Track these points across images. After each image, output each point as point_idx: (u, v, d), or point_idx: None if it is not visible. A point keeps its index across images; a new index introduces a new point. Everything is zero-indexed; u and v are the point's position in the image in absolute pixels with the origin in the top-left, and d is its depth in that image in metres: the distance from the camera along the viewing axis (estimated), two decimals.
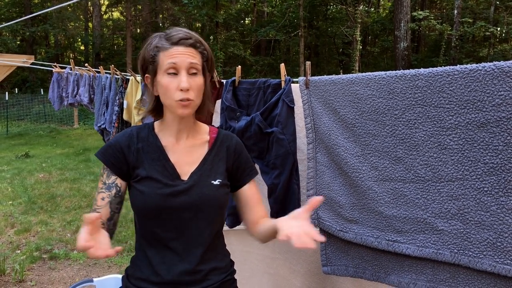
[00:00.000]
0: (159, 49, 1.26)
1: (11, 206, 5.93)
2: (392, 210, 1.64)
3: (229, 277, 1.41)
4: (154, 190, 1.28)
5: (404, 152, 1.61)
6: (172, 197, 1.28)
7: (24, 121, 16.45)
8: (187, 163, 1.34)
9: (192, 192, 1.30)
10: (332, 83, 1.80)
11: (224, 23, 19.34)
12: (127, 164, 1.33)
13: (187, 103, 1.25)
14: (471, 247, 1.49)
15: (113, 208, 1.32)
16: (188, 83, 1.23)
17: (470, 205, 1.48)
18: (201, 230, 1.31)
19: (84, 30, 26.44)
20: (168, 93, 1.25)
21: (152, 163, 1.32)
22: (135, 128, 1.41)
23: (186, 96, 1.24)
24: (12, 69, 4.34)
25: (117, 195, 1.33)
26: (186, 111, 1.26)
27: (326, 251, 1.91)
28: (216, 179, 1.34)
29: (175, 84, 1.24)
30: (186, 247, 1.30)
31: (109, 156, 1.33)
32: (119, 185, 1.33)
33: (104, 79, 3.42)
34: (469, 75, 1.45)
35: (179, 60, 1.24)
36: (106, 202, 1.31)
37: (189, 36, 1.27)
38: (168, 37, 1.27)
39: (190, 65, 1.25)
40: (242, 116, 2.06)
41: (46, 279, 3.81)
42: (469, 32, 14.45)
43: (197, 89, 1.27)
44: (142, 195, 1.28)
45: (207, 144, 1.40)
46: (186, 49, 1.25)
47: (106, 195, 1.31)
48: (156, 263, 1.30)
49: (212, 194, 1.31)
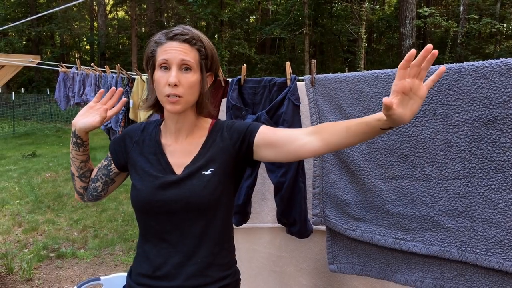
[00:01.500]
0: (157, 44, 1.27)
1: (19, 205, 5.97)
2: (398, 208, 1.64)
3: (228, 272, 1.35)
4: (145, 183, 1.29)
5: (411, 150, 1.60)
6: (161, 190, 1.27)
7: (31, 120, 16.54)
8: (184, 163, 1.33)
9: (183, 185, 1.27)
10: (338, 81, 1.79)
11: (229, 21, 19.33)
12: (126, 153, 1.38)
13: (175, 100, 1.22)
14: (479, 244, 1.48)
15: (98, 175, 1.45)
16: (176, 79, 1.21)
17: (477, 203, 1.48)
18: (193, 221, 1.27)
19: (90, 30, 26.55)
20: (159, 87, 1.25)
21: (148, 156, 1.34)
22: (146, 122, 1.45)
23: (174, 92, 1.22)
24: (18, 69, 4.36)
25: (107, 167, 1.43)
26: (175, 107, 1.24)
27: (332, 249, 1.91)
28: (208, 169, 1.29)
29: (164, 79, 1.23)
30: (180, 239, 1.28)
31: (114, 144, 1.43)
32: (112, 167, 1.43)
33: (110, 78, 3.44)
34: (476, 72, 1.44)
35: (171, 55, 1.23)
36: (97, 167, 1.46)
37: (185, 32, 1.26)
38: (166, 33, 1.27)
39: (181, 61, 1.23)
40: (248, 115, 2.06)
41: (54, 277, 3.84)
42: (475, 29, 14.36)
43: (188, 86, 1.24)
44: (135, 188, 1.30)
45: (205, 137, 1.36)
46: (180, 44, 1.25)
47: (99, 164, 1.46)
48: (153, 257, 1.30)
49: (202, 184, 1.27)
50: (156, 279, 1.29)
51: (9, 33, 21.58)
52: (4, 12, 21.59)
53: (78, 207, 5.89)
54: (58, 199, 6.24)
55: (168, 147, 1.35)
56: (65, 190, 6.75)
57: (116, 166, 1.42)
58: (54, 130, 14.68)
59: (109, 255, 4.34)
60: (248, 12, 22.47)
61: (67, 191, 6.68)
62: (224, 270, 1.33)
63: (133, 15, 20.62)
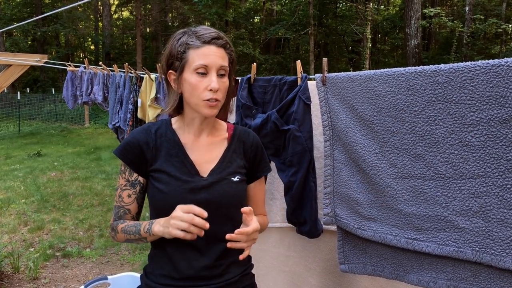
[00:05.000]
0: (190, 46, 1.25)
1: (24, 204, 5.98)
2: (411, 208, 1.62)
3: (248, 271, 1.42)
4: (173, 187, 1.28)
5: (424, 149, 1.59)
6: (192, 194, 1.27)
7: (36, 120, 16.60)
8: (206, 161, 1.34)
9: (213, 189, 1.30)
10: (350, 80, 1.78)
11: (234, 21, 19.32)
12: (146, 162, 1.33)
13: (215, 104, 1.26)
14: (494, 245, 1.46)
15: (139, 203, 1.38)
16: (218, 84, 1.25)
17: (492, 203, 1.46)
18: (221, 226, 1.30)
19: (94, 30, 26.60)
20: (196, 92, 1.25)
21: (170, 159, 1.32)
22: (152, 124, 1.41)
23: (214, 97, 1.25)
24: (25, 69, 4.36)
25: (141, 191, 1.37)
26: (213, 111, 1.28)
27: (343, 249, 1.89)
28: (235, 176, 1.35)
29: (204, 84, 1.24)
30: (206, 243, 1.30)
31: (127, 153, 1.33)
32: (141, 182, 1.35)
33: (118, 77, 3.43)
34: (491, 71, 1.42)
35: (211, 61, 1.24)
36: (133, 198, 1.35)
37: (221, 36, 1.28)
38: (199, 35, 1.26)
39: (220, 67, 1.26)
40: (258, 114, 2.05)
41: (60, 276, 3.84)
42: (481, 29, 14.28)
43: (225, 90, 1.30)
44: (162, 192, 1.28)
45: (226, 141, 1.40)
46: (217, 49, 1.26)
47: (132, 192, 1.35)
48: (176, 259, 1.30)
49: (232, 191, 1.32)
50: (181, 280, 1.30)
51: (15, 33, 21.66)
52: (10, 12, 21.66)
53: (84, 207, 5.89)
54: (64, 199, 6.25)
55: (189, 146, 1.35)
56: (70, 189, 6.76)
57: (140, 175, 1.35)
58: (59, 129, 14.71)
59: (115, 255, 4.34)
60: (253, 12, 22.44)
61: (72, 190, 6.69)
62: (243, 265, 1.41)
63: (138, 15, 20.64)
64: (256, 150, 1.43)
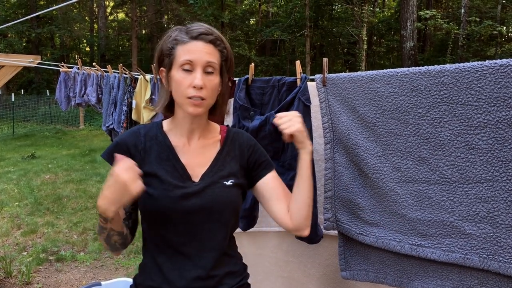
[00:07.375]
0: (177, 42, 1.20)
1: (18, 207, 5.90)
2: (416, 213, 1.57)
3: (243, 281, 1.35)
4: (164, 192, 1.21)
5: (429, 152, 1.53)
6: (183, 199, 1.21)
7: (30, 122, 16.47)
8: (198, 165, 1.28)
9: (204, 194, 1.23)
10: (351, 81, 1.73)
11: (230, 23, 19.30)
12: None
13: (199, 102, 1.19)
14: (502, 251, 1.41)
15: (127, 209, 1.28)
16: (202, 81, 1.17)
17: (500, 208, 1.41)
18: (214, 233, 1.24)
19: (90, 31, 26.46)
20: (180, 89, 1.19)
21: (161, 163, 1.25)
22: (142, 126, 1.35)
23: (198, 94, 1.18)
24: (18, 70, 4.30)
25: None
26: (197, 110, 1.20)
27: (345, 255, 1.84)
28: (228, 180, 1.27)
29: (188, 81, 1.18)
30: (198, 252, 1.23)
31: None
32: None
33: (112, 78, 3.37)
34: (499, 71, 1.37)
35: (196, 57, 1.18)
36: None
37: (210, 32, 1.21)
38: (188, 31, 1.21)
39: (207, 63, 1.19)
40: (256, 115, 1.99)
41: (53, 281, 3.77)
42: (476, 31, 14.30)
43: (211, 88, 1.21)
44: (151, 198, 1.21)
45: (219, 143, 1.34)
46: (205, 45, 1.20)
47: None
48: (167, 270, 1.23)
49: (225, 195, 1.25)
50: None
51: (9, 34, 21.53)
52: (4, 14, 21.50)
53: (78, 210, 5.81)
54: (58, 201, 6.17)
55: (180, 148, 1.29)
56: (64, 192, 6.67)
57: None
58: (53, 131, 14.60)
59: (110, 259, 4.27)
60: (249, 14, 22.43)
61: (66, 193, 6.61)
62: (239, 276, 1.33)
63: (133, 17, 20.56)
64: (252, 148, 1.36)
